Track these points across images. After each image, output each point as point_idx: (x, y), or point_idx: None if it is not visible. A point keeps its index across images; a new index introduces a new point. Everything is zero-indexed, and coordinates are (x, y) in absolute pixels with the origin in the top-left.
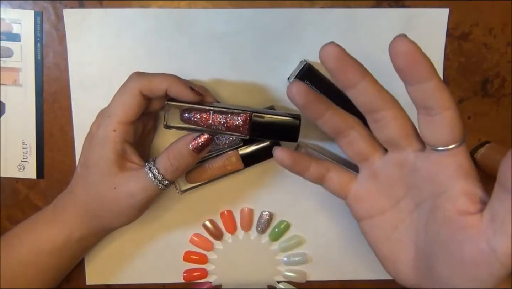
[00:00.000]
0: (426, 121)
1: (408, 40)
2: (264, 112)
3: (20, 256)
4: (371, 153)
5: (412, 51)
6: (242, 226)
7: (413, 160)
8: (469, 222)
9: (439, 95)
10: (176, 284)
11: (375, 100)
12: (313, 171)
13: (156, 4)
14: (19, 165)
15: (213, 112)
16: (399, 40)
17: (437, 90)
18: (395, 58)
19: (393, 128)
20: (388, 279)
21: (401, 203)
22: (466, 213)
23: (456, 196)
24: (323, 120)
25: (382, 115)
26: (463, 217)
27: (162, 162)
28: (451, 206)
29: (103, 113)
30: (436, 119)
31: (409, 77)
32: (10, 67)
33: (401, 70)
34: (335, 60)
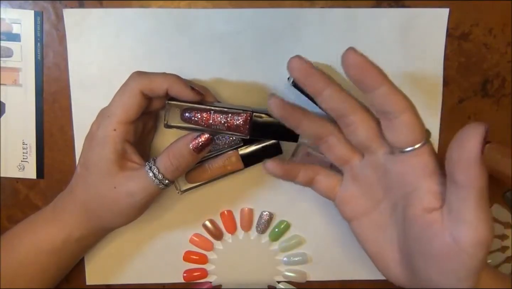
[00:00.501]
0: (387, 126)
1: (356, 52)
2: (265, 112)
3: (19, 256)
4: (350, 157)
5: (360, 62)
6: (242, 226)
7: (384, 162)
8: (434, 218)
9: (392, 99)
10: (176, 284)
11: (341, 106)
12: (302, 176)
13: (156, 4)
14: (19, 165)
15: (213, 112)
16: (348, 53)
17: (390, 94)
18: (347, 70)
19: (361, 132)
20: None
21: (382, 205)
22: (431, 209)
23: (422, 194)
24: (301, 129)
25: (350, 120)
26: (429, 214)
27: (162, 162)
28: (418, 204)
29: (103, 113)
30: (395, 123)
31: (362, 86)
32: (10, 67)
33: (354, 80)
34: (299, 71)
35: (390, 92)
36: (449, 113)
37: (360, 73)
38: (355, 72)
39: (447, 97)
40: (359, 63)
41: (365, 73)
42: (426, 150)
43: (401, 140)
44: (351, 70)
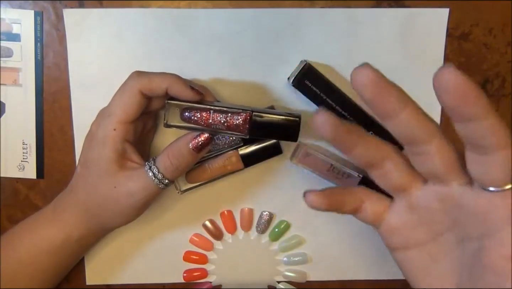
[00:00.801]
0: (476, 160)
1: (457, 71)
2: (264, 111)
3: (19, 256)
4: (409, 184)
5: (464, 85)
6: (242, 226)
7: (459, 195)
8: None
9: (496, 134)
10: (176, 284)
11: (417, 132)
12: (348, 206)
13: (156, 4)
14: (19, 165)
15: (213, 112)
16: (447, 71)
17: (494, 128)
18: (441, 94)
19: (436, 162)
20: (388, 279)
21: (443, 237)
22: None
23: (506, 241)
24: (354, 154)
25: (424, 149)
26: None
27: (162, 161)
28: (498, 250)
29: (103, 113)
30: (489, 159)
31: (459, 116)
32: (10, 67)
33: (450, 107)
34: (371, 87)
35: (493, 127)
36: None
37: (462, 101)
38: (455, 97)
39: None
40: (464, 86)
41: (469, 101)
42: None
43: (491, 179)
44: (450, 96)
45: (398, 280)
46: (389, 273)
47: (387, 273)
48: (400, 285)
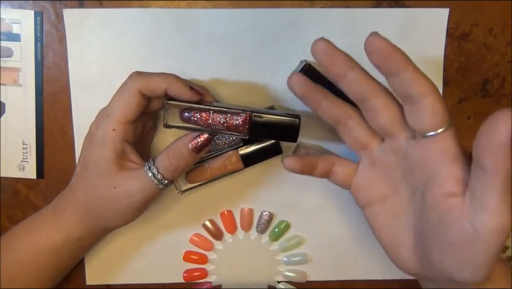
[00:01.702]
0: (410, 110)
1: (380, 37)
2: (264, 112)
3: (19, 256)
4: (369, 141)
5: (385, 46)
6: (242, 226)
7: (405, 147)
8: (454, 204)
9: (416, 83)
10: (176, 284)
11: (364, 90)
12: (320, 168)
13: (156, 4)
14: (19, 165)
15: (212, 112)
16: (372, 38)
17: (414, 79)
18: (370, 55)
19: (384, 116)
20: (388, 279)
21: (399, 190)
22: (451, 195)
23: (443, 180)
24: (321, 110)
25: (372, 104)
26: (449, 199)
27: (162, 162)
28: (438, 189)
29: (103, 113)
30: (418, 107)
31: (386, 71)
32: (10, 67)
33: (378, 65)
34: (324, 53)
35: (415, 76)
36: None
37: (385, 58)
38: (380, 57)
39: (447, 97)
40: (384, 48)
41: (390, 58)
42: (449, 135)
43: (424, 125)
44: (376, 55)
45: (398, 280)
46: (389, 273)
47: (387, 273)
48: (399, 285)
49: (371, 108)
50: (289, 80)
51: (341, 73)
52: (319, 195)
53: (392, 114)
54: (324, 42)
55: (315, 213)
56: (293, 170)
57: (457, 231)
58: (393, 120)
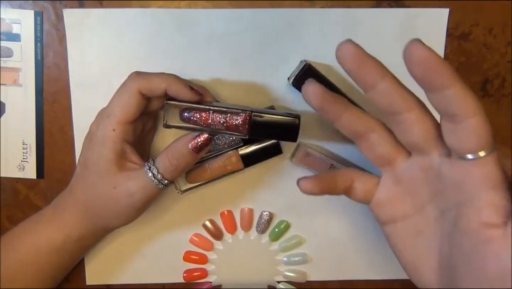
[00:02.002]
0: (449, 128)
1: (423, 46)
2: (264, 112)
3: (20, 256)
4: (394, 157)
5: (428, 58)
6: (242, 226)
7: (438, 165)
8: (493, 235)
9: (462, 102)
10: (176, 284)
11: (396, 102)
12: (339, 187)
13: (156, 4)
14: (19, 165)
15: (212, 112)
16: (414, 46)
17: (459, 97)
18: (410, 66)
19: (416, 131)
20: (388, 279)
21: (426, 209)
22: (491, 225)
23: (481, 207)
24: (341, 123)
25: (404, 118)
26: (487, 230)
27: (162, 162)
28: (475, 217)
29: (103, 113)
30: (460, 127)
31: (428, 85)
32: (10, 67)
33: (419, 79)
34: (352, 59)
35: (460, 94)
36: None
37: (429, 72)
38: (423, 70)
39: None
40: (428, 59)
41: (436, 72)
42: (491, 160)
43: (464, 147)
44: (418, 68)
45: (398, 280)
46: (389, 273)
47: (387, 273)
48: (400, 285)
49: (402, 122)
50: (304, 91)
51: (371, 83)
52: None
53: (426, 129)
54: (352, 46)
55: (315, 213)
56: (312, 192)
57: (496, 265)
58: (427, 137)
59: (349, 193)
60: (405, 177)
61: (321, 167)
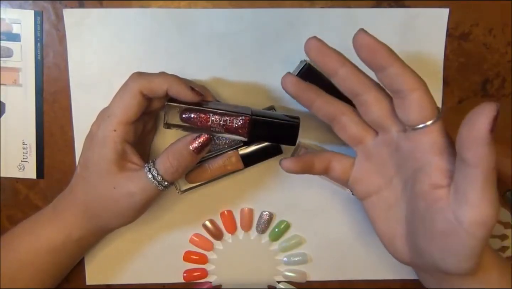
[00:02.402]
0: (398, 104)
1: (366, 33)
2: (264, 115)
3: (19, 256)
4: (363, 136)
5: (370, 42)
6: (242, 226)
7: (397, 139)
8: (440, 195)
9: (403, 78)
10: (176, 284)
11: (355, 85)
12: (317, 166)
13: (156, 4)
14: (19, 165)
15: (212, 114)
16: (359, 35)
17: (400, 74)
18: (358, 51)
19: (375, 110)
20: (388, 279)
21: (393, 181)
22: (438, 186)
23: (431, 171)
24: (315, 108)
25: (364, 98)
26: (436, 190)
27: (162, 163)
28: (426, 180)
29: (103, 114)
30: (406, 101)
31: (373, 66)
32: (10, 67)
33: (365, 60)
34: (316, 51)
35: (400, 71)
36: (449, 113)
37: (370, 53)
38: (366, 52)
39: (447, 97)
40: (370, 43)
41: (376, 53)
42: (437, 128)
43: (412, 118)
44: (362, 51)
45: (397, 280)
46: (389, 273)
47: (386, 273)
48: (399, 285)
49: (363, 103)
50: (282, 80)
51: (333, 70)
52: (319, 195)
53: (383, 108)
54: (315, 41)
55: (315, 213)
56: (292, 171)
57: (442, 221)
58: (385, 114)
59: (328, 172)
60: (374, 154)
61: None
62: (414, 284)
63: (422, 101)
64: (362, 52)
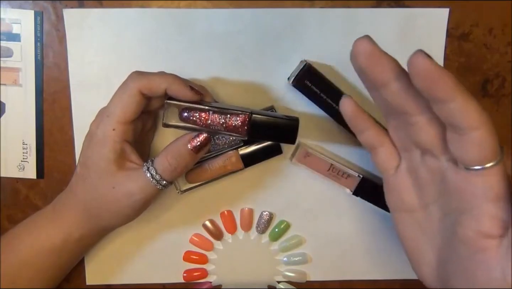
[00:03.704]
0: (454, 139)
1: (425, 57)
2: (263, 114)
3: (20, 256)
4: (411, 147)
5: (431, 70)
6: (242, 226)
7: (445, 169)
8: (488, 246)
9: (465, 115)
10: (176, 284)
11: (408, 103)
12: (369, 137)
13: (156, 4)
14: (19, 165)
15: (212, 112)
16: (417, 58)
17: (462, 110)
18: (414, 78)
19: (424, 135)
20: (388, 279)
21: (431, 208)
22: (487, 236)
23: (481, 217)
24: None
25: (415, 120)
26: (484, 240)
27: (161, 162)
28: (474, 225)
29: (103, 113)
30: (464, 139)
31: (431, 97)
32: (10, 67)
33: (421, 90)
34: (368, 56)
35: (463, 107)
36: None
37: (431, 84)
38: (425, 82)
39: None
40: (430, 71)
41: (438, 84)
42: (496, 172)
43: (469, 158)
44: (419, 78)
45: (397, 280)
46: (389, 273)
47: (387, 273)
48: (399, 285)
49: (413, 124)
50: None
51: (384, 82)
52: (319, 195)
53: (434, 135)
54: (367, 43)
55: (315, 213)
56: (344, 111)
57: (486, 275)
58: (434, 142)
59: (372, 152)
60: (418, 171)
61: (321, 167)
62: (414, 284)
63: (483, 142)
64: (419, 80)
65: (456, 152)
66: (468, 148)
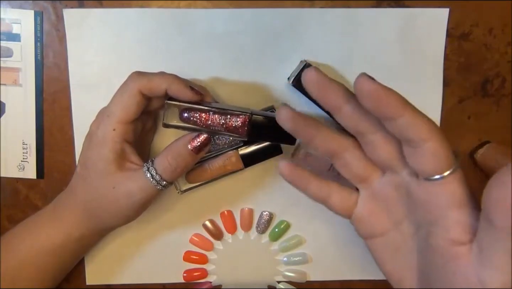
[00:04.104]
0: (409, 152)
1: (369, 79)
2: (263, 114)
3: (20, 256)
4: (368, 174)
5: (376, 90)
6: (242, 226)
7: (408, 184)
8: (460, 252)
9: (415, 129)
10: (176, 284)
11: (361, 124)
12: (314, 190)
13: (156, 4)
14: (19, 165)
15: (212, 113)
16: (361, 81)
17: (411, 124)
18: (362, 100)
19: (383, 151)
20: None
21: (402, 225)
22: (458, 243)
23: (449, 225)
24: (314, 144)
25: (370, 138)
26: (455, 247)
27: (161, 162)
28: (443, 234)
29: (103, 113)
30: (418, 151)
31: (381, 116)
32: (10, 67)
33: (371, 110)
34: (316, 85)
35: (412, 121)
36: (449, 113)
37: (376, 102)
38: (371, 102)
39: (447, 97)
40: (375, 91)
41: (384, 103)
42: (454, 179)
43: (426, 169)
44: (366, 99)
45: None
46: None
47: None
48: None
49: (369, 143)
50: (277, 113)
51: (336, 107)
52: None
53: (392, 150)
54: (314, 73)
55: (315, 213)
56: (285, 176)
57: (463, 281)
58: (394, 156)
59: (326, 204)
60: (380, 194)
61: (321, 167)
62: None
63: (437, 152)
64: (366, 101)
65: (414, 165)
66: (424, 159)
